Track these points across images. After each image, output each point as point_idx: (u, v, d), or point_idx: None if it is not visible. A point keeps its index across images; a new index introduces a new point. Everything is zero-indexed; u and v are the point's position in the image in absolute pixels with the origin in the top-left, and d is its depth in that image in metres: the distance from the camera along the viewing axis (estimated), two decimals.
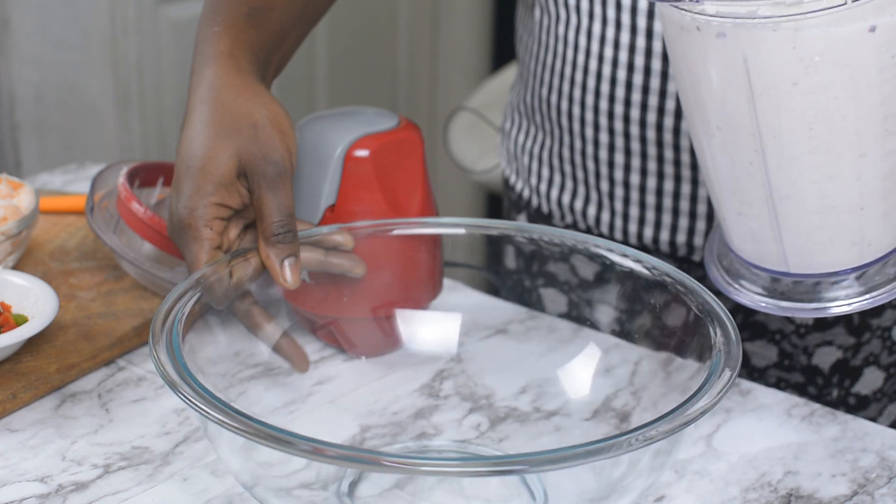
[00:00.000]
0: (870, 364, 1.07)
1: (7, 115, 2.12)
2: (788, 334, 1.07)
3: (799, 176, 0.80)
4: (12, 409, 0.90)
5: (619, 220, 1.08)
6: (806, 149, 0.79)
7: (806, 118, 0.78)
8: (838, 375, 1.07)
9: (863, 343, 1.07)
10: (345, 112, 0.97)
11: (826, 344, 1.06)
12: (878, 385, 1.08)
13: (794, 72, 0.76)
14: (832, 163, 0.79)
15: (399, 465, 0.68)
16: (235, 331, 0.91)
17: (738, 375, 0.75)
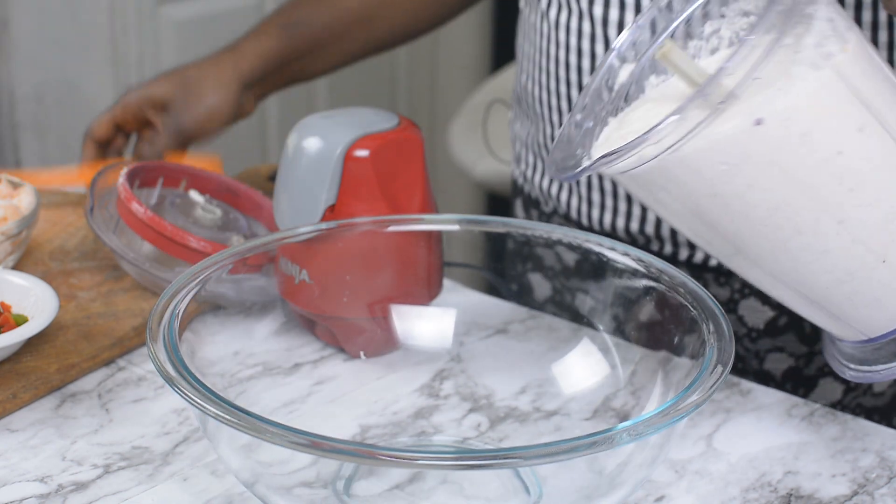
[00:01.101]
0: (825, 375, 1.06)
1: (7, 115, 2.12)
2: (741, 337, 1.07)
3: (795, 263, 0.77)
4: (12, 409, 0.90)
5: (585, 206, 1.10)
6: (780, 239, 0.76)
7: (758, 217, 0.76)
8: (791, 384, 1.06)
9: (816, 353, 1.06)
10: (345, 112, 0.97)
11: (777, 350, 1.06)
12: (837, 397, 1.06)
13: (710, 188, 0.75)
14: (816, 241, 0.76)
15: (394, 459, 0.68)
16: (235, 330, 0.91)
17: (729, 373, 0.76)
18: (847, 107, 0.74)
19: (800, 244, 0.76)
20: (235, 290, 0.91)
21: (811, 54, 0.74)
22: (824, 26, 0.75)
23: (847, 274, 0.77)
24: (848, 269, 0.77)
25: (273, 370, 0.89)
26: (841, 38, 0.75)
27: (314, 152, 0.94)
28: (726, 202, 0.75)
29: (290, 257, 0.93)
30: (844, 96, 0.74)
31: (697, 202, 0.76)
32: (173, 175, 1.10)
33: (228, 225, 1.07)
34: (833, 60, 0.74)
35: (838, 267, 0.77)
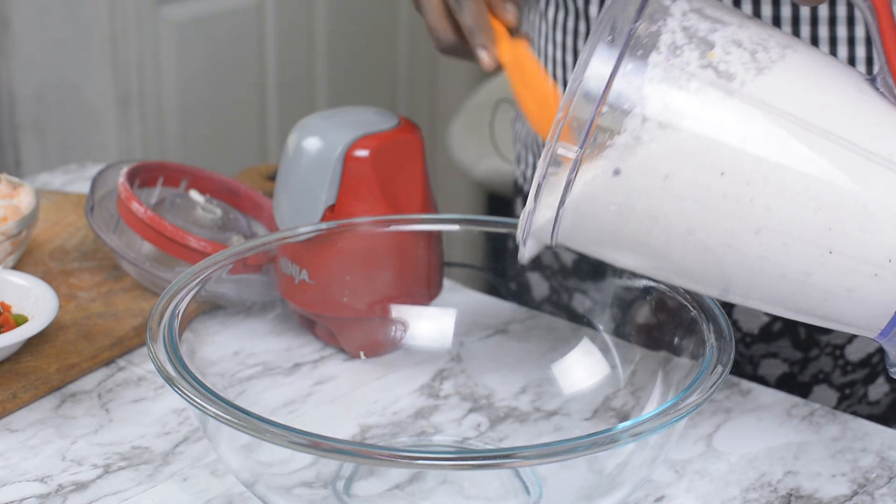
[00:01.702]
0: (820, 382, 1.06)
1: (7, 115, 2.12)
2: (735, 342, 1.06)
3: (747, 277, 0.75)
4: (12, 409, 0.90)
5: None
6: (717, 260, 0.74)
7: (682, 243, 0.74)
8: (785, 390, 1.06)
9: (811, 359, 1.05)
10: (345, 112, 0.97)
11: (771, 356, 1.05)
12: (831, 404, 1.06)
13: (618, 227, 0.74)
14: (748, 252, 0.74)
15: (394, 459, 0.68)
16: (235, 330, 0.91)
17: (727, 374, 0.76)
18: (709, 137, 0.72)
19: (735, 259, 0.74)
20: (235, 290, 0.91)
21: (660, 74, 0.71)
22: (677, 36, 0.72)
23: (802, 274, 0.74)
24: (799, 270, 0.74)
25: (273, 370, 0.89)
26: (702, 42, 0.73)
27: (314, 152, 0.94)
28: (644, 238, 0.74)
29: (290, 257, 0.93)
30: (703, 125, 0.71)
31: (623, 242, 0.75)
32: (173, 175, 1.10)
33: (228, 225, 1.07)
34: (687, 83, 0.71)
35: (789, 270, 0.74)
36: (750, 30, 0.74)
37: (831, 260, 0.73)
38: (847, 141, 0.72)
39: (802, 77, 0.73)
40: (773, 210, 0.72)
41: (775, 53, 0.73)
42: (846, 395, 1.06)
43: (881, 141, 0.72)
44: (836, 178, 0.72)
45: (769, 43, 0.74)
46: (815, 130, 0.72)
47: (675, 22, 0.73)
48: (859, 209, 0.72)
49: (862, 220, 0.72)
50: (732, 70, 0.72)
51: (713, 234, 0.73)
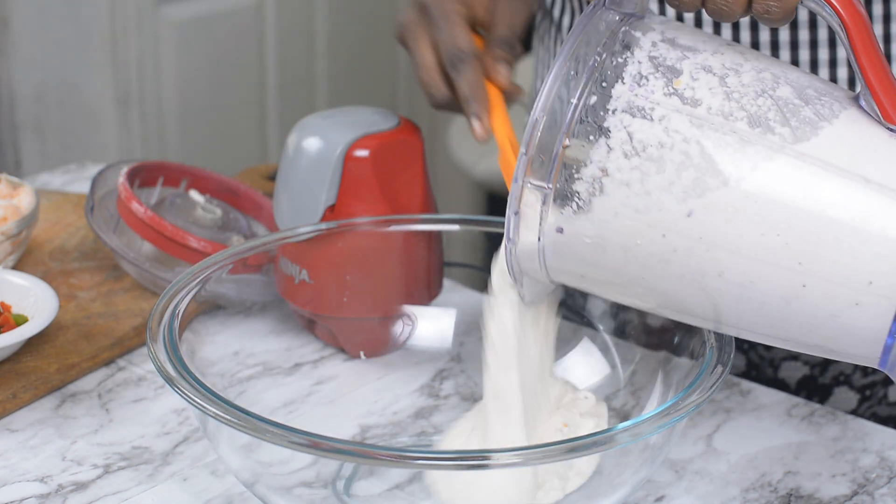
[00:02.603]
0: (840, 384, 1.06)
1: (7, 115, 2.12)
2: (756, 344, 1.06)
3: (728, 309, 0.74)
4: (12, 409, 0.90)
5: None
6: (697, 288, 0.73)
7: (659, 271, 0.73)
8: (805, 392, 1.06)
9: (831, 361, 1.05)
10: (345, 112, 0.97)
11: (792, 358, 1.05)
12: (851, 406, 1.06)
13: (596, 259, 0.74)
14: (724, 283, 0.73)
15: (394, 459, 0.68)
16: (235, 330, 0.91)
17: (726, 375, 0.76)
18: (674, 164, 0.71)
19: (716, 287, 0.72)
20: (235, 290, 0.91)
21: (623, 104, 0.71)
22: (643, 66, 0.72)
23: (783, 301, 0.72)
24: (778, 297, 0.71)
25: (273, 370, 0.89)
26: (669, 71, 0.72)
27: (314, 152, 0.94)
28: (623, 269, 0.73)
29: (290, 257, 0.93)
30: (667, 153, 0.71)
31: (607, 276, 0.75)
32: (173, 175, 1.10)
33: (228, 225, 1.07)
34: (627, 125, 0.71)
35: (768, 297, 0.72)
36: (724, 56, 0.73)
37: (808, 286, 0.71)
38: (823, 161, 0.70)
39: None
40: (743, 236, 0.70)
41: (749, 77, 0.72)
42: (866, 396, 1.06)
43: (862, 161, 0.70)
44: (808, 202, 0.70)
45: (744, 67, 0.72)
46: (789, 152, 0.70)
47: (643, 53, 0.72)
48: (833, 232, 0.70)
49: (837, 243, 0.70)
50: (698, 96, 0.71)
51: (688, 264, 0.72)
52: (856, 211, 0.70)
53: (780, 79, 0.72)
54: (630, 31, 0.73)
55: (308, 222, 0.94)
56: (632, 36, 0.73)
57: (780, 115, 0.70)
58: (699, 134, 0.70)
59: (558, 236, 0.73)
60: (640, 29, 0.74)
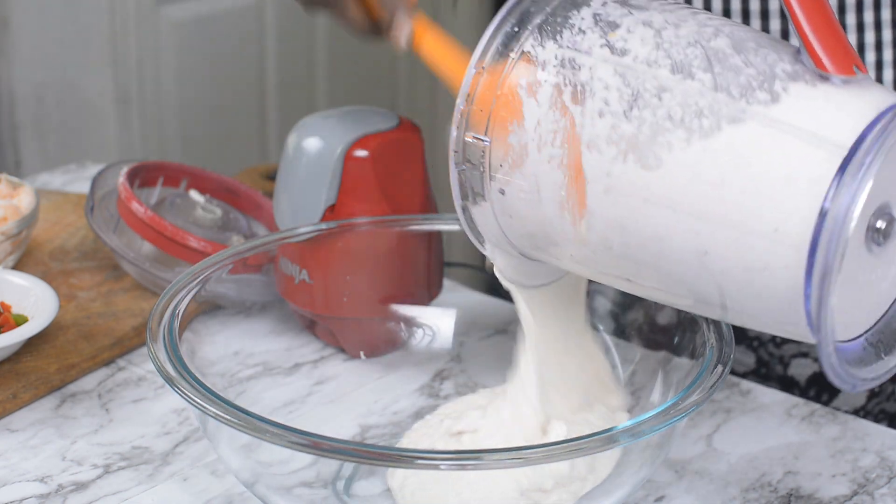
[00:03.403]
0: None
1: (7, 115, 2.12)
2: (766, 342, 1.06)
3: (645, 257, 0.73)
4: (12, 409, 0.90)
5: None
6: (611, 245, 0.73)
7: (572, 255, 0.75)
8: (815, 389, 1.06)
9: None
10: (345, 112, 0.97)
11: (802, 355, 1.05)
12: (860, 403, 1.06)
13: (534, 218, 0.74)
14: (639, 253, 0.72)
15: (394, 459, 0.68)
16: (235, 330, 0.91)
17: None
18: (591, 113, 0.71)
19: (630, 240, 0.71)
20: (235, 290, 0.91)
21: (555, 58, 0.72)
22: (584, 23, 0.72)
23: (696, 254, 0.69)
24: (692, 250, 0.69)
25: (273, 370, 0.89)
26: (608, 25, 0.72)
27: (314, 152, 0.94)
28: (556, 224, 0.74)
29: (290, 257, 0.93)
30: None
31: (546, 236, 0.75)
32: (173, 175, 1.10)
33: (228, 225, 1.07)
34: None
35: (681, 254, 0.70)
36: (671, 14, 0.72)
37: (717, 236, 0.68)
38: (734, 105, 0.68)
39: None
40: (652, 183, 0.69)
41: (687, 30, 0.71)
42: (875, 392, 1.06)
43: (786, 107, 0.68)
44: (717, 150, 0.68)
45: (688, 23, 0.71)
46: (706, 97, 0.69)
47: (589, 11, 0.73)
48: (739, 175, 0.67)
49: (742, 188, 0.67)
50: (628, 47, 0.71)
51: (609, 214, 0.71)
52: (762, 154, 0.67)
53: (722, 32, 0.71)
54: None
55: (308, 222, 0.94)
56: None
57: (705, 63, 0.69)
58: (619, 81, 0.70)
59: (501, 195, 0.74)
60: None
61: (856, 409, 1.05)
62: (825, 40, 0.69)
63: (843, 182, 0.64)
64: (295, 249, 0.93)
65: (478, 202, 0.77)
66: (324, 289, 0.93)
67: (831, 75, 0.68)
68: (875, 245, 0.67)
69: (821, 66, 0.68)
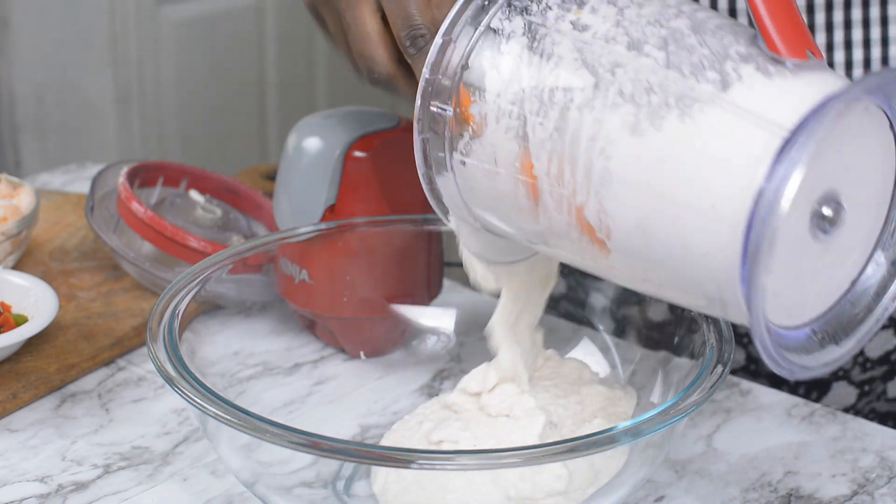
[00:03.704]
0: (839, 379, 1.06)
1: (7, 115, 2.12)
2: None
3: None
4: (12, 409, 0.90)
5: None
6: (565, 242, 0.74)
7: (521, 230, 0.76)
8: (804, 387, 1.06)
9: None
10: (345, 112, 0.97)
11: None
12: (850, 402, 1.06)
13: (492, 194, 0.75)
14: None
15: (394, 459, 0.68)
16: (235, 330, 0.91)
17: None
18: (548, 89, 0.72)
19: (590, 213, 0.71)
20: (235, 290, 0.91)
21: (518, 30, 0.73)
22: (550, 1, 0.73)
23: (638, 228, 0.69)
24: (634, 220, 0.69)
25: (273, 370, 0.89)
26: (574, 3, 0.73)
27: (314, 152, 0.94)
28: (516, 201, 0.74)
29: (290, 257, 0.93)
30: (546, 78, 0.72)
31: (502, 211, 0.75)
32: (173, 175, 1.10)
33: (228, 225, 1.07)
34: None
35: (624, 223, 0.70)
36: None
37: (658, 210, 0.67)
38: (682, 83, 0.68)
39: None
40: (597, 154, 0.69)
41: (650, 10, 0.71)
42: (865, 391, 1.06)
43: (734, 89, 0.67)
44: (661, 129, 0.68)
45: (653, 3, 0.72)
46: (658, 74, 0.69)
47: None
48: (678, 153, 0.67)
49: (681, 164, 0.67)
50: (589, 23, 0.71)
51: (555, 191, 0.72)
52: (706, 133, 0.67)
53: (684, 13, 0.71)
54: None
55: (308, 222, 0.94)
56: None
57: (660, 41, 0.69)
58: (576, 56, 0.71)
59: (462, 167, 0.75)
60: None
61: (846, 407, 1.05)
62: (780, 24, 0.68)
63: (779, 161, 0.64)
64: (295, 249, 0.93)
65: (441, 173, 0.77)
66: (324, 289, 0.93)
67: (785, 59, 0.68)
68: (821, 232, 0.67)
69: (774, 49, 0.68)
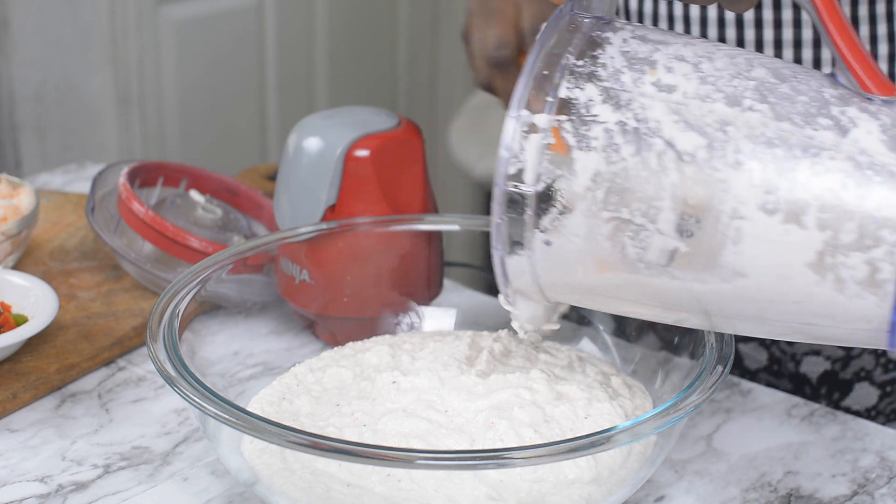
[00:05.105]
0: (861, 379, 1.06)
1: (7, 115, 2.12)
2: (778, 340, 1.06)
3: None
4: (12, 409, 0.90)
5: None
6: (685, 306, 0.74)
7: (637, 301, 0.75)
8: (827, 387, 1.06)
9: (853, 357, 1.05)
10: (345, 112, 0.97)
11: (814, 353, 1.05)
12: (872, 402, 1.06)
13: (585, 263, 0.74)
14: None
15: (394, 459, 0.68)
16: (235, 330, 0.91)
17: (731, 374, 0.75)
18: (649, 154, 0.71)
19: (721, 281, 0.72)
20: (235, 290, 0.91)
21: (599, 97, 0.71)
22: (616, 62, 0.72)
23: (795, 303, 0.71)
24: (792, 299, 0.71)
25: (273, 370, 0.89)
26: (644, 63, 0.72)
27: (314, 152, 0.94)
28: (617, 268, 0.73)
29: (290, 257, 0.93)
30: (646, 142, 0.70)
31: (600, 280, 0.74)
32: (173, 175, 1.10)
33: (228, 225, 1.07)
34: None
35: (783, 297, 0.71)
36: (696, 46, 0.73)
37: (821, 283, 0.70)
38: (802, 135, 0.69)
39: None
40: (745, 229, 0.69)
41: (722, 63, 0.72)
42: (887, 392, 1.06)
43: (849, 135, 0.69)
44: (798, 182, 0.69)
45: (716, 55, 0.72)
46: (771, 128, 0.69)
47: (615, 49, 0.72)
48: (825, 198, 0.68)
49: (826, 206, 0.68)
50: (674, 82, 0.71)
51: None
52: (843, 182, 0.68)
53: (754, 62, 0.72)
54: (600, 32, 0.74)
55: (308, 222, 0.94)
56: (602, 36, 0.73)
57: (756, 94, 0.70)
58: (675, 119, 0.70)
59: (546, 246, 0.73)
60: (610, 29, 0.74)
61: (867, 408, 1.05)
62: (863, 64, 0.71)
63: None
64: (295, 249, 0.93)
65: (515, 251, 0.75)
66: (324, 289, 0.93)
67: (874, 97, 0.70)
68: None
69: (866, 88, 0.70)
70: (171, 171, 1.10)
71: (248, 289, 0.93)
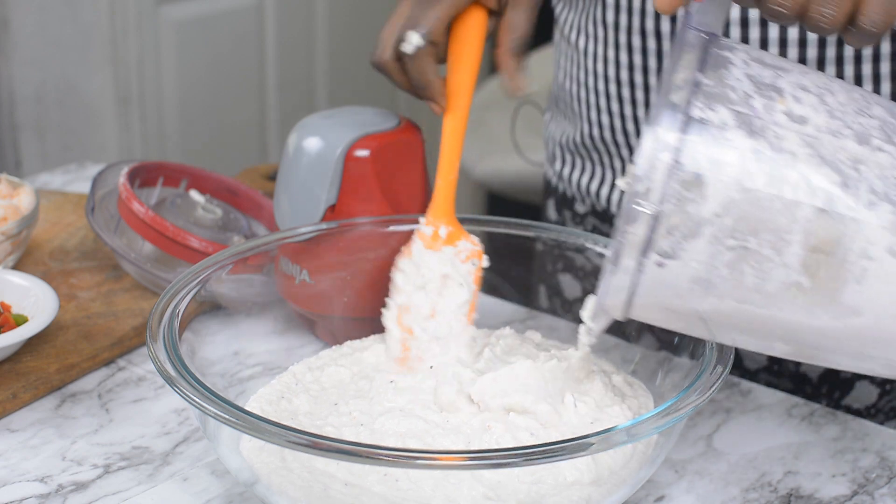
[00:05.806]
0: (861, 378, 1.06)
1: (7, 115, 2.12)
2: None
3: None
4: (12, 409, 0.90)
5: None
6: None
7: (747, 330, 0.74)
8: (827, 386, 1.06)
9: None
10: (345, 112, 0.97)
11: None
12: (871, 401, 1.06)
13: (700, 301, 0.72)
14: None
15: (394, 459, 0.68)
16: (235, 330, 0.91)
17: (731, 375, 0.75)
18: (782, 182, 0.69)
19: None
20: (235, 290, 0.91)
21: (732, 121, 0.69)
22: (743, 84, 0.70)
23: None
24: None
25: (273, 370, 0.89)
26: (770, 89, 0.70)
27: (314, 152, 0.94)
28: (739, 296, 0.71)
29: (290, 257, 0.93)
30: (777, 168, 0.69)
31: (713, 306, 0.72)
32: (173, 175, 1.10)
33: (228, 225, 1.07)
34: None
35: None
36: (812, 76, 0.72)
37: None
38: None
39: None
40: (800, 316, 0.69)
41: (843, 97, 0.71)
42: (886, 390, 1.06)
43: None
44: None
45: (832, 87, 0.71)
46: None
47: (740, 71, 0.71)
48: None
49: None
50: (805, 114, 0.70)
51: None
52: None
53: (870, 99, 0.72)
54: (719, 51, 0.71)
55: (308, 222, 0.94)
56: (723, 55, 0.71)
57: (882, 133, 0.70)
58: (810, 152, 0.69)
59: (658, 268, 0.70)
60: (727, 49, 0.72)
61: (867, 406, 1.05)
62: None
63: None
64: (295, 249, 0.93)
65: (619, 269, 0.71)
66: (324, 289, 0.93)
67: None
68: None
69: None
70: (171, 171, 1.10)
71: (248, 289, 0.93)
